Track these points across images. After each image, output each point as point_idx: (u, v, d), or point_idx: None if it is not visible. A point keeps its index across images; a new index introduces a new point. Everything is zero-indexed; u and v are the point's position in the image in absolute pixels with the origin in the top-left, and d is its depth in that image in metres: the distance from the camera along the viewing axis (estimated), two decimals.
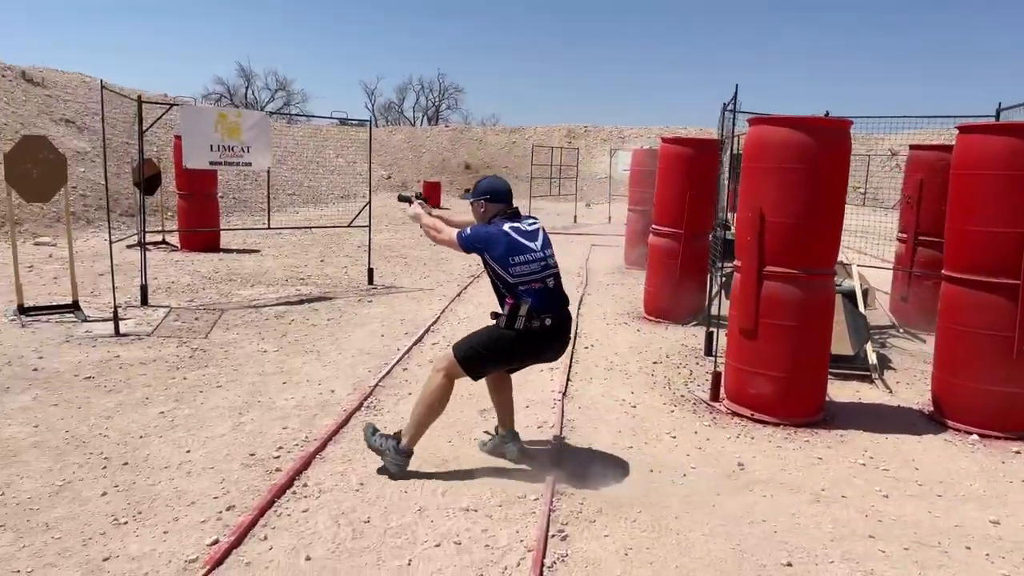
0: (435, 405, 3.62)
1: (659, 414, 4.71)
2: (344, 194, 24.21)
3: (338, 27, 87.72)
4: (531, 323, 3.47)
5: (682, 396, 5.11)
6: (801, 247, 4.41)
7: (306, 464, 3.71)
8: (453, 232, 3.67)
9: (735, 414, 4.70)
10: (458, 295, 8.62)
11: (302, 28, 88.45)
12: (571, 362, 5.80)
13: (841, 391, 5.34)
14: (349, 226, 9.37)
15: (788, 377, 4.51)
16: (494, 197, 3.74)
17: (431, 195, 24.39)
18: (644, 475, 3.76)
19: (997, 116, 6.29)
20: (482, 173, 31.90)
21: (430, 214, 3.94)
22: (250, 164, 7.94)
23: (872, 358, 5.71)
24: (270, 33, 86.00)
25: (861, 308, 6.14)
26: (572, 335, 3.93)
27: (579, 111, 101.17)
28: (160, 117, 7.82)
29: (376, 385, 5.03)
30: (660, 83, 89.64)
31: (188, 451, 3.86)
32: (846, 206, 4.71)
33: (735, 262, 4.81)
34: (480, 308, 7.98)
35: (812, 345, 4.52)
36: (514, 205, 3.80)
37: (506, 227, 3.60)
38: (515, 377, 3.97)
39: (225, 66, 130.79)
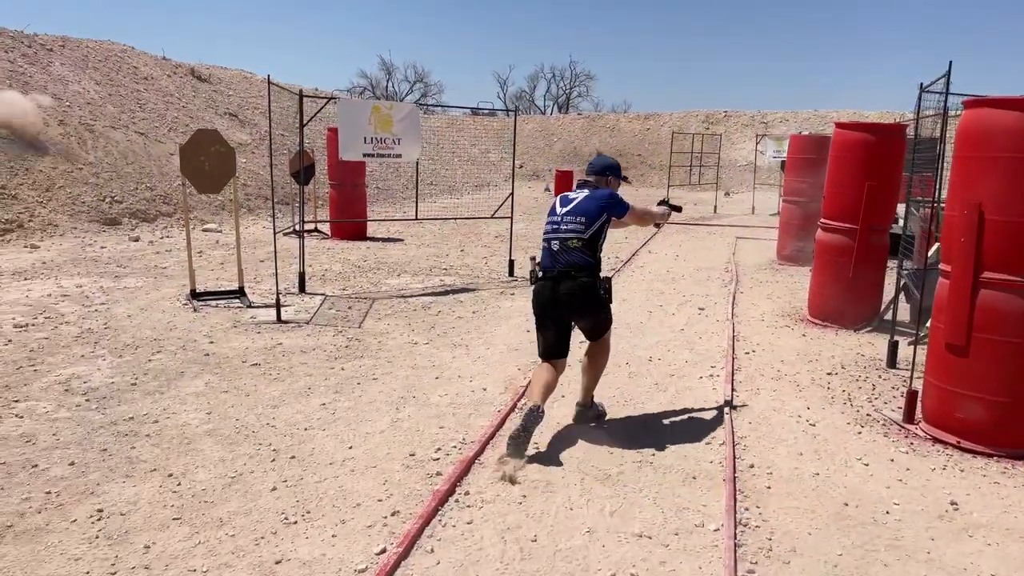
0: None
1: (844, 435, 4.21)
2: (479, 183, 24.55)
3: (471, 17, 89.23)
4: (536, 277, 4.07)
5: (868, 415, 4.55)
6: None
7: (466, 469, 3.58)
8: None
9: (936, 440, 4.11)
10: None
11: (439, 19, 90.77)
12: (733, 369, 5.37)
13: None
14: (492, 217, 9.32)
15: (1007, 402, 3.87)
16: (594, 172, 4.29)
17: (563, 184, 24.18)
18: (839, 509, 3.32)
19: None
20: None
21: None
22: (400, 156, 8.03)
23: None
24: (409, 26, 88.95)
25: None
26: (595, 302, 4.07)
27: (715, 96, 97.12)
28: (319, 110, 8.06)
29: (527, 385, 4.85)
30: (805, 68, 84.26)
31: (351, 447, 3.85)
32: None
33: (933, 263, 4.20)
34: (625, 304, 7.66)
35: None
36: (589, 178, 4.25)
37: (562, 194, 4.18)
38: (674, 385, 3.80)
39: (368, 60, 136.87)
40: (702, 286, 8.81)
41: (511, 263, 9.14)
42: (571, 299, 3.96)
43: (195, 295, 6.99)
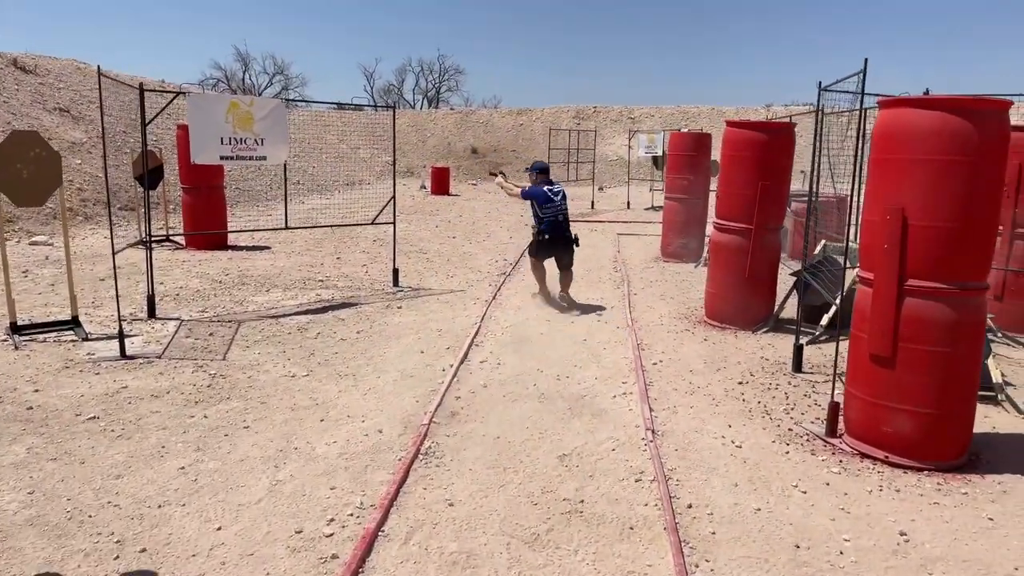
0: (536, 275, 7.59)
1: (773, 457, 3.96)
2: (349, 181, 23.39)
3: (335, 6, 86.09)
4: (542, 236, 7.32)
5: (789, 430, 4.35)
6: (957, 257, 3.63)
7: (369, 546, 2.96)
8: (518, 190, 7.65)
9: (864, 455, 3.94)
10: (493, 297, 7.85)
11: (299, 9, 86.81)
12: (645, 385, 5.04)
13: None
14: (374, 223, 8.58)
15: (935, 413, 3.74)
16: (541, 172, 7.62)
17: (440, 181, 23.53)
18: (792, 555, 3.01)
19: None
20: (490, 158, 30.97)
21: (506, 182, 8.07)
22: (265, 158, 7.13)
23: (996, 375, 4.95)
24: (268, 15, 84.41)
25: None
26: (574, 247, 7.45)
27: (584, 92, 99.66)
28: (166, 106, 6.99)
29: (430, 423, 4.26)
30: (669, 65, 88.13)
31: (219, 528, 3.11)
32: None
33: (858, 272, 4.04)
34: (521, 312, 7.22)
35: (964, 375, 3.76)
36: (545, 175, 7.56)
37: (544, 188, 7.35)
38: (588, 409, 3.91)
39: (222, 50, 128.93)
40: (595, 289, 8.54)
41: (395, 272, 8.46)
42: (568, 244, 7.43)
43: (15, 329, 5.80)
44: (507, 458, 3.86)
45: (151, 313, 6.58)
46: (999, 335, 6.38)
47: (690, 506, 3.39)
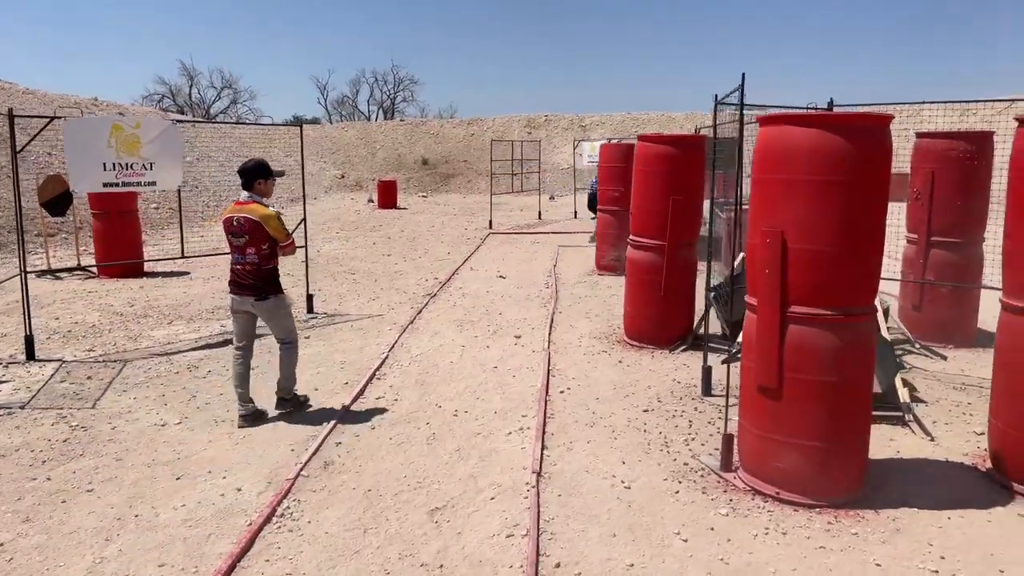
0: None
1: (661, 499, 3.69)
2: (294, 197, 22.85)
3: (286, 18, 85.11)
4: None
5: (685, 464, 4.10)
6: (839, 281, 3.42)
7: None
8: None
9: (756, 492, 3.71)
10: (411, 322, 7.52)
11: (248, 22, 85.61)
12: (545, 419, 4.76)
13: (872, 441, 4.39)
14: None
15: (825, 447, 3.52)
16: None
17: (387, 194, 23.06)
18: None
19: None
20: (440, 169, 30.68)
21: None
22: (154, 183, 6.72)
23: (904, 395, 4.78)
24: (215, 29, 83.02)
25: (884, 331, 5.19)
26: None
27: (539, 100, 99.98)
28: (37, 133, 6.54)
29: (296, 477, 3.92)
30: (621, 72, 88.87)
31: None
32: None
33: (746, 298, 3.81)
34: (437, 338, 6.91)
35: (855, 404, 3.54)
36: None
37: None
38: (478, 449, 4.16)
39: (167, 65, 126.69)
40: (521, 308, 8.27)
41: (309, 298, 8.07)
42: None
43: None
44: (372, 516, 3.53)
45: (30, 355, 6.11)
46: (916, 346, 6.25)
47: (558, 565, 3.10)
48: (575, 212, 19.33)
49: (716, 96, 4.74)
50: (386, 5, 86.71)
